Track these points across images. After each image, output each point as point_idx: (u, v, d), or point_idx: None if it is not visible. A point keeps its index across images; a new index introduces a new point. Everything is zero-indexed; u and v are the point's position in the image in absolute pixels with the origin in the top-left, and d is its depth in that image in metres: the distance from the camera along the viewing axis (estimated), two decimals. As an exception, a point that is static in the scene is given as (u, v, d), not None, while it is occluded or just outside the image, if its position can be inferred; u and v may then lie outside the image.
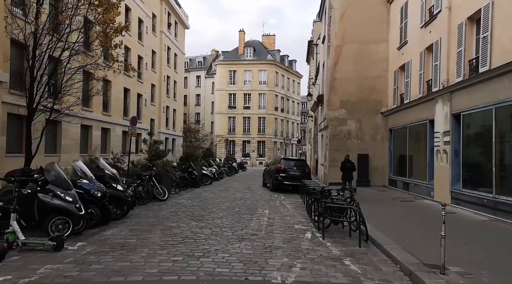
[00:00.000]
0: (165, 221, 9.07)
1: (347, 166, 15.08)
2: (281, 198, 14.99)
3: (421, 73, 15.29)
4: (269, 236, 7.75)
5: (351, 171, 15.07)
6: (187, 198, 14.02)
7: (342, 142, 20.46)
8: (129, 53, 25.98)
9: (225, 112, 55.80)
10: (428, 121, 14.30)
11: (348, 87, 20.49)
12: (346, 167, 15.11)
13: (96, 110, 21.47)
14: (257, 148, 55.39)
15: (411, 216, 10.66)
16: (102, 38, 11.72)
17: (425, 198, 14.18)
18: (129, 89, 26.12)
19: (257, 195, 15.94)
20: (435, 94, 13.58)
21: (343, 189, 8.54)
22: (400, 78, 18.43)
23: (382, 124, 20.19)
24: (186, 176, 17.70)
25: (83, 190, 7.92)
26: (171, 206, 11.89)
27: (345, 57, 20.57)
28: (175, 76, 38.29)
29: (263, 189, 18.96)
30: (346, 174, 15.01)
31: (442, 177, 12.78)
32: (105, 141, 22.83)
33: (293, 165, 17.79)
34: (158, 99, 32.97)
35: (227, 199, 13.94)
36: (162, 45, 33.45)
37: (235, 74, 56.48)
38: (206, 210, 11.12)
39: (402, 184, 17.13)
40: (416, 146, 16.01)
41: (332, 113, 20.81)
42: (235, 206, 12.07)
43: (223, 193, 16.17)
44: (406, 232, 8.23)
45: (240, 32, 58.98)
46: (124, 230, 7.88)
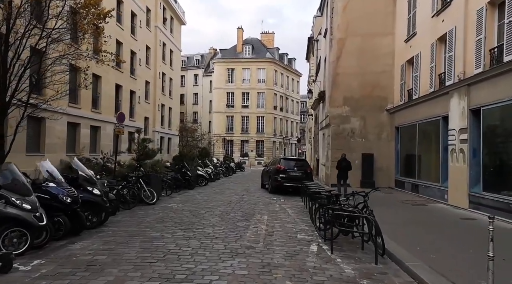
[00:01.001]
0: (147, 230, 7.88)
1: (343, 165, 15.02)
2: (281, 201, 13.83)
3: (432, 66, 14.13)
4: (268, 249, 6.58)
5: (347, 170, 15.01)
6: (178, 202, 12.84)
7: (345, 141, 19.31)
8: (121, 48, 24.75)
9: (223, 111, 54.60)
10: (441, 117, 13.14)
11: (351, 83, 19.35)
12: (342, 166, 15.04)
13: (84, 107, 20.25)
14: (255, 147, 54.20)
15: (427, 222, 9.49)
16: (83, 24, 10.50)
17: (437, 201, 13.02)
18: (121, 85, 24.89)
19: (255, 197, 14.77)
20: (449, 88, 12.42)
21: (353, 194, 7.38)
22: (407, 73, 17.27)
23: (388, 122, 19.04)
24: (179, 177, 16.52)
25: (50, 195, 6.75)
26: (159, 211, 10.70)
27: (348, 51, 19.43)
28: (171, 73, 37.06)
29: (261, 191, 17.79)
30: (341, 173, 15.03)
31: (458, 179, 11.62)
32: (94, 140, 21.60)
33: (294, 166, 16.61)
34: (152, 97, 31.75)
35: (222, 203, 12.77)
36: (157, 41, 32.23)
37: (233, 72, 55.27)
38: (197, 216, 9.93)
39: (411, 185, 15.97)
40: (427, 145, 14.85)
41: (334, 110, 19.66)
42: (230, 211, 10.89)
43: (218, 196, 14.99)
44: (427, 243, 7.06)
45: (239, 30, 57.75)
46: (96, 243, 6.69)
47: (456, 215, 10.56)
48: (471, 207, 10.88)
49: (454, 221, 9.74)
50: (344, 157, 15.45)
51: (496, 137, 10.28)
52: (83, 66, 11.98)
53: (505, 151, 9.83)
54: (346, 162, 15.14)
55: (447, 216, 10.51)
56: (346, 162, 15.12)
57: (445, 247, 6.86)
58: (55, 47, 11.37)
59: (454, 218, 10.13)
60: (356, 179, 18.89)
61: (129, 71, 26.14)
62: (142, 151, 12.66)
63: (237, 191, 17.32)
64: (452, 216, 10.46)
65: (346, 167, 14.99)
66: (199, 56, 66.45)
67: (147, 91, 30.63)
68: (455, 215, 10.58)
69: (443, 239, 7.51)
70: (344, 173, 14.98)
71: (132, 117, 27.02)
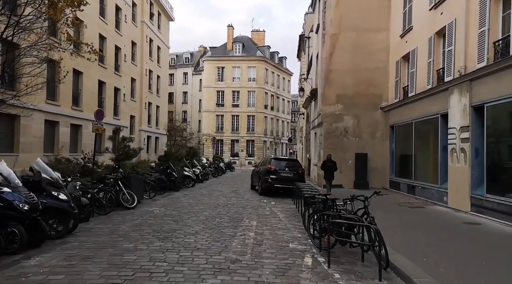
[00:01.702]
0: (120, 240, 6.97)
1: (327, 165, 14.97)
2: (272, 204, 13.01)
3: (430, 62, 13.47)
4: (256, 263, 5.75)
5: (332, 171, 14.94)
6: (161, 205, 11.92)
7: (338, 140, 18.61)
8: (104, 43, 23.65)
9: (213, 110, 53.59)
10: (440, 115, 12.47)
11: (345, 80, 18.64)
12: (326, 166, 15.00)
13: (64, 104, 19.16)
14: (246, 147, 53.31)
15: (428, 228, 8.78)
16: (54, 12, 9.50)
17: (436, 203, 12.36)
18: (105, 82, 23.78)
19: (244, 200, 13.93)
20: (448, 84, 11.76)
21: (353, 198, 6.60)
22: (403, 69, 16.62)
23: (382, 121, 18.38)
24: (163, 178, 15.58)
25: (3, 202, 5.80)
26: (138, 216, 9.78)
27: (341, 46, 18.72)
28: (159, 71, 35.93)
29: (251, 192, 16.95)
30: (326, 173, 15.00)
31: (459, 180, 10.96)
32: (75, 139, 20.50)
33: (285, 166, 15.80)
34: (139, 95, 30.64)
35: (208, 206, 11.89)
36: (144, 37, 31.11)
37: (223, 71, 54.28)
38: (180, 221, 9.05)
39: (407, 187, 15.31)
40: (424, 144, 14.19)
41: (327, 109, 18.93)
42: (216, 216, 10.03)
43: (204, 198, 14.10)
44: (433, 253, 6.32)
45: (229, 27, 56.79)
46: (57, 257, 5.77)
47: (458, 219, 9.88)
48: (474, 211, 10.21)
49: (457, 226, 9.05)
50: (330, 157, 15.29)
51: (501, 136, 9.62)
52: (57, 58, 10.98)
53: (511, 150, 9.18)
54: (331, 162, 15.00)
55: (449, 220, 9.82)
56: (331, 163, 14.98)
57: (453, 257, 6.12)
58: (25, 37, 10.37)
59: (457, 222, 9.44)
60: (349, 180, 18.23)
61: (113, 67, 25.05)
62: (121, 151, 11.72)
63: (225, 193, 16.46)
64: (454, 220, 9.78)
65: (330, 167, 14.88)
66: (189, 54, 65.25)
67: (133, 88, 29.51)
68: (457, 219, 9.89)
69: (449, 248, 6.77)
70: (330, 174, 14.87)
71: (117, 115, 25.92)
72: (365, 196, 6.77)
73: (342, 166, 18.41)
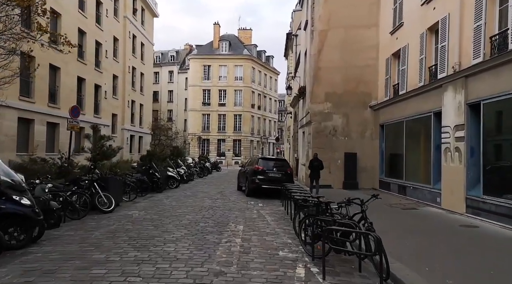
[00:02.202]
0: (91, 250, 6.24)
1: (314, 165, 14.96)
2: (259, 206, 12.40)
3: (421, 58, 13.08)
4: (242, 276, 5.12)
5: (319, 170, 14.95)
6: (141, 208, 11.17)
7: (327, 140, 18.14)
8: (84, 37, 22.63)
9: (198, 109, 52.69)
10: (433, 113, 12.09)
11: (334, 78, 18.18)
12: (313, 165, 14.97)
13: (39, 101, 18.14)
14: (232, 147, 52.60)
15: (425, 231, 8.31)
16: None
17: (429, 204, 11.96)
18: (84, 78, 22.76)
19: (230, 202, 13.27)
20: (442, 81, 11.36)
21: (349, 202, 6.04)
22: (393, 67, 16.25)
23: (372, 119, 18.00)
24: (145, 179, 14.80)
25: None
26: (114, 221, 9.03)
27: (330, 43, 18.25)
28: (142, 68, 34.89)
29: (237, 193, 16.31)
30: (313, 172, 14.98)
31: (453, 181, 10.56)
32: (52, 138, 19.48)
33: (273, 166, 15.21)
34: (121, 92, 29.59)
35: (192, 209, 11.20)
36: (126, 32, 30.09)
37: (210, 69, 53.43)
38: (160, 227, 8.34)
39: (397, 187, 14.92)
40: (416, 144, 13.81)
41: (315, 107, 18.44)
42: (200, 220, 9.35)
43: (189, 200, 13.39)
44: (435, 261, 5.82)
45: (215, 25, 55.97)
46: (13, 272, 5.02)
47: (454, 221, 9.46)
48: (469, 212, 9.82)
49: (454, 229, 8.61)
50: (316, 156, 15.34)
51: (498, 134, 9.24)
52: (26, 49, 10.12)
53: (510, 149, 8.80)
54: (318, 161, 15.02)
55: (445, 223, 9.39)
56: (318, 162, 15.00)
57: (457, 266, 5.62)
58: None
59: (453, 225, 9.01)
60: (338, 180, 17.79)
61: (93, 63, 24.02)
62: (98, 150, 10.92)
63: (210, 194, 15.77)
64: (450, 222, 9.35)
65: (317, 166, 14.89)
66: (174, 52, 64.13)
67: (115, 86, 28.47)
68: (453, 221, 9.47)
69: (451, 255, 6.28)
70: (316, 173, 14.87)
71: (98, 113, 24.90)
72: (361, 199, 6.22)
73: (331, 166, 18.01)
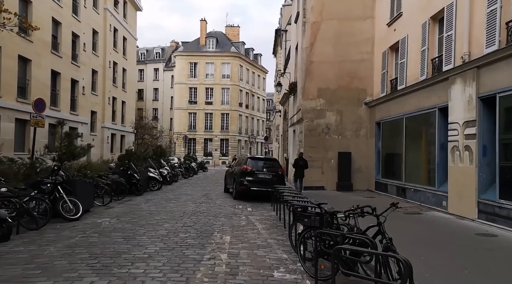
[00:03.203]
0: (35, 274, 4.93)
1: (299, 164, 14.84)
2: (248, 211, 11.22)
3: (424, 50, 12.10)
4: (228, 311, 3.92)
5: (303, 169, 14.83)
6: (114, 215, 9.84)
7: (319, 138, 17.10)
8: (58, 28, 21.04)
9: (185, 107, 51.19)
10: (438, 109, 11.10)
11: (327, 73, 17.14)
12: (298, 164, 14.82)
13: (7, 95, 16.57)
14: (220, 146, 51.27)
15: (438, 242, 7.25)
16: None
17: (433, 208, 10.97)
18: (59, 72, 21.17)
19: (216, 206, 12.04)
20: (448, 73, 10.37)
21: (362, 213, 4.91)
22: (390, 61, 15.27)
23: (367, 117, 17.02)
24: (122, 181, 13.44)
25: None
26: (78, 231, 7.70)
27: (323, 36, 17.20)
28: (125, 64, 33.27)
29: (224, 196, 15.09)
30: (298, 171, 14.84)
31: (462, 183, 9.57)
32: (22, 136, 17.90)
33: (263, 166, 14.03)
34: (101, 88, 27.97)
35: (172, 215, 9.93)
36: (107, 25, 28.47)
37: (196, 67, 51.97)
38: (131, 239, 7.06)
39: (396, 189, 13.93)
40: (417, 142, 12.83)
41: (308, 104, 17.35)
42: (180, 229, 8.10)
43: (170, 204, 12.10)
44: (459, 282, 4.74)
45: (202, 22, 54.49)
46: None
47: (467, 229, 8.44)
48: (482, 218, 8.82)
49: (470, 238, 7.58)
50: (301, 155, 15.36)
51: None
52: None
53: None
54: (303, 160, 14.99)
55: (456, 230, 8.36)
56: (303, 161, 14.96)
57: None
58: None
59: (467, 233, 7.98)
60: (331, 181, 16.77)
61: (70, 56, 22.44)
62: (65, 149, 9.58)
63: (195, 197, 14.50)
64: (462, 230, 8.33)
65: (302, 166, 14.82)
66: (160, 49, 62.37)
67: (95, 81, 26.85)
68: (466, 229, 8.45)
69: (479, 274, 5.21)
70: (300, 172, 14.77)
71: (75, 110, 23.31)
72: (372, 207, 5.14)
73: (324, 167, 17.01)
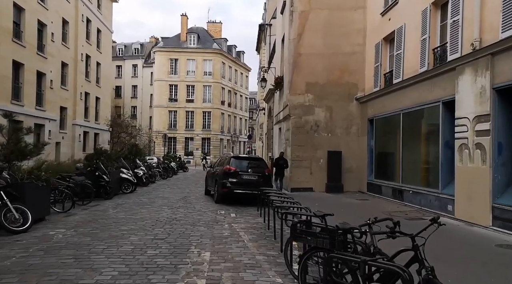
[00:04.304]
0: None
1: (279, 163, 14.90)
2: (232, 217, 9.88)
3: (424, 39, 11.06)
4: None
5: (283, 168, 14.92)
6: (73, 224, 8.31)
7: (307, 136, 15.92)
8: (21, 15, 19.09)
9: (165, 105, 49.29)
10: (442, 103, 10.05)
11: (316, 66, 15.98)
12: (278, 164, 14.87)
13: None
14: (201, 145, 49.60)
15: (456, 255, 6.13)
16: None
17: (436, 213, 9.89)
18: (22, 64, 19.23)
19: (195, 212, 10.64)
20: (455, 62, 9.33)
21: (392, 233, 3.66)
22: (384, 53, 14.24)
23: (358, 114, 15.95)
24: (87, 183, 11.85)
25: None
26: (20, 248, 6.18)
27: (312, 26, 16.02)
28: (99, 57, 31.24)
29: (205, 199, 13.70)
30: (278, 170, 14.87)
31: (473, 185, 8.53)
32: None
33: (248, 167, 12.70)
34: (72, 83, 25.96)
35: (142, 224, 8.47)
36: (78, 15, 26.46)
37: (177, 63, 50.12)
38: (84, 259, 5.60)
39: (391, 190, 12.87)
40: (415, 140, 11.79)
41: (295, 99, 16.14)
42: (150, 244, 6.68)
43: (142, 210, 10.62)
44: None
45: (183, 17, 52.68)
46: None
47: (482, 238, 7.37)
48: (497, 225, 7.78)
49: (492, 250, 6.49)
50: (282, 155, 15.46)
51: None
52: None
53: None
54: (283, 160, 15.09)
55: (472, 240, 7.27)
56: (283, 160, 15.07)
57: None
58: None
59: (486, 244, 6.89)
60: (320, 182, 15.62)
61: (35, 46, 20.51)
62: (13, 147, 8.01)
63: (172, 200, 13.04)
64: (478, 240, 7.25)
65: (282, 165, 14.82)
66: (138, 45, 60.00)
67: (65, 75, 24.87)
68: (481, 238, 7.38)
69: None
70: (280, 171, 14.74)
71: (41, 105, 21.36)
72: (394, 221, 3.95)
73: (312, 166, 15.86)
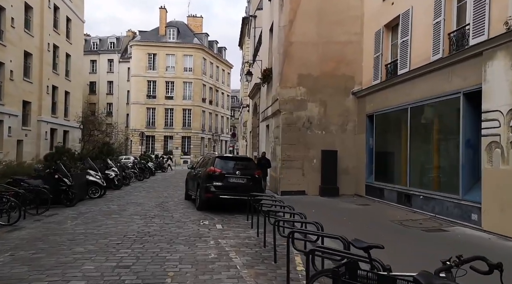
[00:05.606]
0: None
1: (262, 163, 14.52)
2: (218, 230, 8.19)
3: (438, 23, 9.68)
4: None
5: (266, 168, 14.67)
6: (13, 244, 6.43)
7: (299, 134, 14.43)
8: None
9: (142, 102, 46.93)
10: (462, 94, 8.68)
11: (309, 56, 14.50)
12: (261, 164, 14.33)
13: None
14: (181, 144, 47.49)
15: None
16: None
17: (456, 222, 8.54)
18: (-26, 50, 16.87)
19: (173, 222, 8.88)
20: (481, 46, 7.95)
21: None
22: (386, 42, 12.86)
23: (355, 109, 14.57)
24: (43, 188, 9.90)
25: None
26: None
27: (304, 12, 14.51)
28: (69, 48, 28.76)
29: (185, 205, 11.95)
30: (261, 171, 13.80)
31: (508, 190, 7.16)
32: None
33: (235, 168, 11.00)
34: (37, 75, 23.52)
35: (104, 244, 6.66)
36: (44, 1, 24.02)
37: (155, 58, 47.80)
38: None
39: (397, 195, 11.47)
40: (427, 138, 10.41)
41: (286, 93, 14.59)
42: (109, 277, 4.92)
43: (109, 221, 8.78)
44: None
45: (161, 10, 50.33)
46: None
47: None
48: (543, 239, 6.44)
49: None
50: (264, 155, 15.62)
51: None
52: None
53: None
54: (265, 160, 15.07)
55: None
56: (265, 160, 15.05)
57: None
58: None
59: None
60: (314, 185, 14.17)
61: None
62: None
63: (146, 207, 11.22)
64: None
65: (265, 165, 14.57)
66: (114, 38, 57.01)
67: (28, 65, 22.44)
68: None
69: None
70: (264, 171, 14.14)
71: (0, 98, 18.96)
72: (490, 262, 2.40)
73: (304, 167, 14.39)
